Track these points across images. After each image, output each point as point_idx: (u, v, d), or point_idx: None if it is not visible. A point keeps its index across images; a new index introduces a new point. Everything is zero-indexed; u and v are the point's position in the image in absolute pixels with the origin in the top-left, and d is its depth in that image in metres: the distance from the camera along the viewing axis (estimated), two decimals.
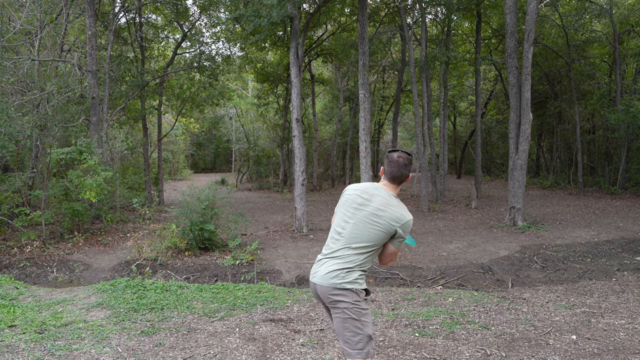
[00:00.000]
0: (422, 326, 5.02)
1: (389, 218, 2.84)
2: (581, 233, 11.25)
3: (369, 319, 2.87)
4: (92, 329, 4.95)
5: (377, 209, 2.87)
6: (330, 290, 2.83)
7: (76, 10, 15.81)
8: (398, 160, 2.96)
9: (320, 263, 2.95)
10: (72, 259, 9.81)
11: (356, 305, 2.81)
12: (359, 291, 2.83)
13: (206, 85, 19.99)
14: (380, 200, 2.90)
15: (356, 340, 2.81)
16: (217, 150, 42.60)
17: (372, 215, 2.86)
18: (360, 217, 2.89)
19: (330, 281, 2.83)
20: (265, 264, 9.28)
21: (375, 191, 2.96)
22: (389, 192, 2.96)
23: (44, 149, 12.62)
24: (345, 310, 2.80)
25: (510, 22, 12.65)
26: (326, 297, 2.86)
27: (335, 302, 2.83)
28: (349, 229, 2.90)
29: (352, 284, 2.81)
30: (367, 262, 2.89)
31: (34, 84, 12.13)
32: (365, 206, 2.91)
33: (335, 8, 18.39)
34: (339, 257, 2.88)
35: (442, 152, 19.43)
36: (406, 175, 3.00)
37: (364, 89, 11.29)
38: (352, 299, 2.81)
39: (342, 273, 2.83)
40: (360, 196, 2.96)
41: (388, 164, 3.00)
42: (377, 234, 2.84)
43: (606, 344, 4.45)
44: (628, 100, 17.37)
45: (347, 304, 2.80)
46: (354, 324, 2.80)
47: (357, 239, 2.86)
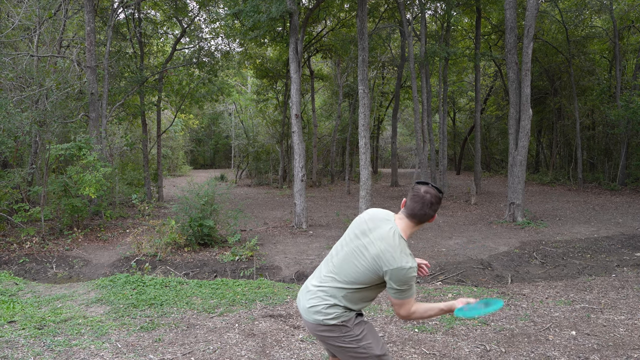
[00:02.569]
0: (421, 322, 5.03)
1: (375, 255, 2.40)
2: (581, 229, 11.25)
3: (370, 339, 2.55)
4: (92, 325, 4.95)
5: (370, 242, 2.45)
6: (315, 327, 2.52)
7: (75, 5, 15.77)
8: (425, 197, 2.45)
9: (305, 290, 2.63)
10: (71, 255, 9.81)
11: (347, 335, 2.49)
12: (345, 323, 2.48)
13: (205, 81, 19.95)
14: (379, 233, 2.46)
15: None
16: (217, 146, 42.57)
17: (363, 248, 2.46)
18: (352, 248, 2.51)
19: (313, 317, 2.50)
20: (265, 259, 9.28)
21: (382, 223, 2.51)
22: (398, 228, 2.47)
23: (43, 145, 12.60)
24: (340, 344, 2.51)
25: (510, 17, 12.61)
26: (314, 333, 2.57)
27: (324, 337, 2.53)
28: (339, 258, 2.55)
29: (336, 319, 2.46)
30: (355, 301, 2.50)
31: (33, 79, 12.10)
32: (363, 236, 2.51)
33: (335, 3, 18.33)
34: (322, 288, 2.53)
35: (442, 148, 19.42)
36: (430, 215, 2.49)
37: (364, 85, 11.26)
38: (341, 332, 2.48)
39: (323, 308, 2.48)
40: (366, 222, 2.55)
41: (411, 198, 2.49)
42: (362, 271, 2.43)
43: (606, 339, 4.45)
44: (628, 96, 17.34)
45: (338, 338, 2.49)
46: (356, 352, 2.52)
47: (343, 272, 2.49)
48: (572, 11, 20.34)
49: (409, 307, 2.45)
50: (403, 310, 2.46)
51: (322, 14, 19.13)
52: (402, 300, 2.42)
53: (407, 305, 2.45)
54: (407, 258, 2.37)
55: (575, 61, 21.33)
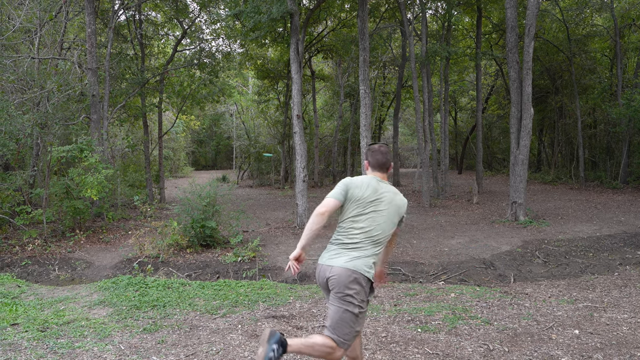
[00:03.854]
0: (424, 322, 5.02)
1: (402, 204, 3.15)
2: (583, 228, 11.23)
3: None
4: (95, 327, 4.96)
5: (391, 199, 3.11)
6: None
7: (75, 7, 15.80)
8: (381, 149, 3.16)
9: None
10: (73, 257, 9.82)
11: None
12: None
13: (206, 82, 19.95)
14: (389, 190, 3.13)
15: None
16: (218, 147, 42.54)
17: (391, 207, 3.10)
18: (383, 211, 3.09)
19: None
20: (267, 260, 9.28)
21: (375, 184, 3.12)
22: (386, 183, 3.18)
23: (44, 147, 12.62)
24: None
25: (510, 16, 12.60)
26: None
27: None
28: (380, 225, 3.09)
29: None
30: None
31: (34, 82, 12.12)
32: (380, 201, 3.08)
33: (335, 4, 18.32)
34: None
35: (443, 148, 19.40)
36: (390, 161, 3.20)
37: (365, 85, 11.26)
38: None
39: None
40: (363, 189, 3.11)
41: (372, 154, 3.18)
42: (395, 222, 3.15)
43: (609, 338, 4.44)
44: (629, 94, 17.30)
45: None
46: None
47: (385, 234, 3.10)
48: (572, 10, 20.31)
49: None
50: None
51: (322, 14, 19.12)
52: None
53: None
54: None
55: (577, 60, 21.29)
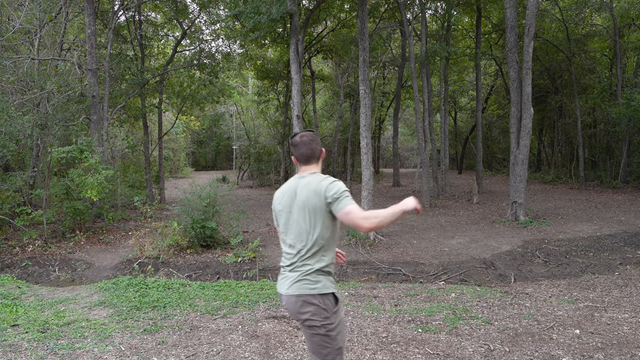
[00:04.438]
0: (425, 322, 5.02)
1: (320, 190, 2.68)
2: (583, 227, 11.22)
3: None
4: (95, 328, 4.95)
5: (310, 194, 2.70)
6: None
7: (75, 8, 15.80)
8: (302, 140, 2.83)
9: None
10: (74, 258, 9.82)
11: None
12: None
13: (206, 83, 19.95)
14: (305, 189, 2.73)
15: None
16: (218, 147, 42.54)
17: (312, 199, 2.69)
18: (305, 214, 2.71)
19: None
20: (268, 261, 9.28)
21: (294, 185, 2.81)
22: (308, 174, 2.81)
23: (44, 148, 12.61)
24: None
25: (510, 16, 12.60)
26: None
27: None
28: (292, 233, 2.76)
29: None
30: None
31: (34, 83, 12.12)
32: (296, 204, 2.75)
33: (335, 4, 18.31)
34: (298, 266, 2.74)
35: (443, 148, 19.40)
36: (318, 150, 2.87)
37: (365, 85, 11.24)
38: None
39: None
40: (281, 200, 2.83)
41: (295, 148, 2.84)
42: (317, 221, 2.68)
43: (610, 338, 4.44)
44: (629, 93, 17.29)
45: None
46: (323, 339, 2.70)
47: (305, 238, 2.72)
48: (572, 9, 20.31)
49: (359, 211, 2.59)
50: (349, 218, 2.57)
51: (322, 14, 19.12)
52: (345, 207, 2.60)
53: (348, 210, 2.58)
54: (329, 178, 2.72)
55: (576, 59, 21.28)
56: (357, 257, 9.30)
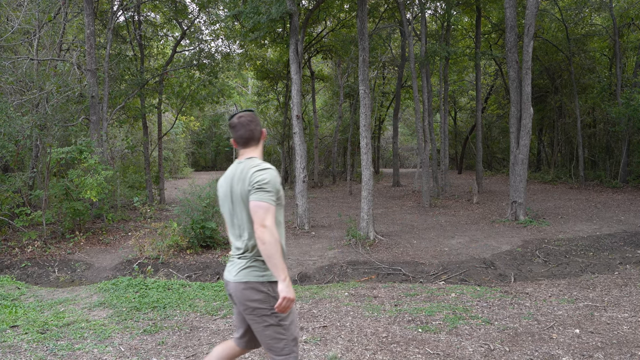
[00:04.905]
0: (425, 322, 5.01)
1: (247, 176, 2.59)
2: (583, 227, 11.22)
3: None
4: (95, 329, 4.95)
5: (237, 187, 2.63)
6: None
7: (74, 9, 15.79)
8: (240, 121, 2.70)
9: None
10: (73, 259, 9.81)
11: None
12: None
13: (206, 83, 19.94)
14: (237, 178, 2.66)
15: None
16: (218, 148, 42.55)
17: (242, 184, 2.62)
18: (242, 200, 2.63)
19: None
20: None
21: (232, 173, 2.73)
22: (245, 159, 2.72)
23: (44, 149, 12.61)
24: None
25: (510, 16, 12.60)
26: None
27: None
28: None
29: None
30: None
31: (33, 83, 12.11)
32: (234, 191, 2.67)
33: (335, 4, 18.31)
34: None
35: (443, 148, 19.40)
36: (258, 131, 2.75)
37: (364, 85, 11.24)
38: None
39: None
40: (222, 187, 2.78)
41: (233, 130, 2.73)
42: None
43: (609, 337, 4.44)
44: (629, 93, 17.29)
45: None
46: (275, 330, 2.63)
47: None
48: (571, 9, 20.31)
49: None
50: (258, 216, 2.48)
51: (322, 14, 19.11)
52: (258, 200, 2.51)
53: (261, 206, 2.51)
54: (265, 164, 2.62)
55: (576, 59, 21.29)
56: (357, 257, 9.29)
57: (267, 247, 2.46)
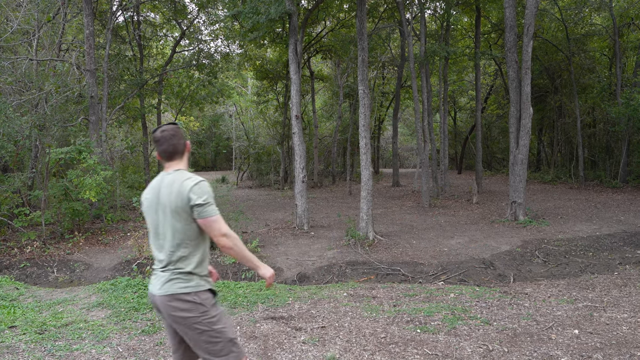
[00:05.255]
0: (423, 322, 5.00)
1: (183, 191, 2.57)
2: (583, 227, 11.22)
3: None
4: (93, 329, 4.94)
5: (172, 195, 2.60)
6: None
7: (74, 9, 15.79)
8: (163, 136, 2.69)
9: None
10: (72, 259, 9.80)
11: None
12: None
13: (205, 83, 19.95)
14: (164, 189, 2.64)
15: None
16: (218, 148, 42.45)
17: (174, 200, 2.59)
18: (166, 214, 2.62)
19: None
20: (266, 261, 9.26)
21: (158, 184, 2.70)
22: (172, 171, 2.70)
23: (43, 149, 12.60)
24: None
25: (509, 16, 12.59)
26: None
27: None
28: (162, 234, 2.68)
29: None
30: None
31: (32, 83, 12.10)
32: (159, 203, 2.65)
33: (334, 4, 18.31)
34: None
35: (443, 148, 19.40)
36: (182, 144, 2.73)
37: (364, 85, 11.24)
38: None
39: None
40: (147, 199, 2.73)
41: (156, 144, 2.71)
42: (181, 222, 2.59)
43: (609, 338, 4.43)
44: (628, 93, 17.29)
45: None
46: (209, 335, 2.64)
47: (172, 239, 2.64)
48: (571, 9, 20.30)
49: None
50: (213, 229, 2.59)
51: (321, 14, 19.11)
52: (205, 217, 2.59)
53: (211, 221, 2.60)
54: (195, 177, 2.63)
55: (576, 59, 21.28)
56: (356, 258, 9.28)
57: (234, 249, 2.61)
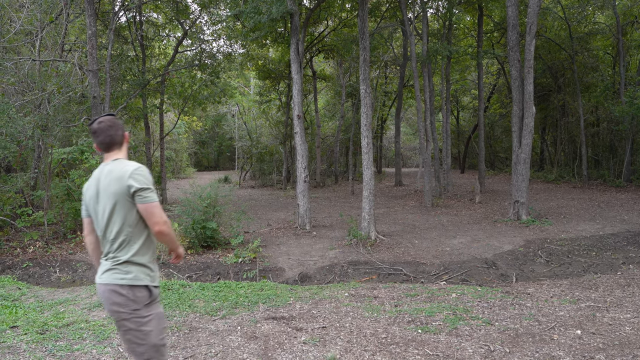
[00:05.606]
0: (425, 322, 4.99)
1: (122, 177, 2.59)
2: (586, 226, 11.17)
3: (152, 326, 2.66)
4: (94, 329, 4.94)
5: (111, 182, 2.61)
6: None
7: (76, 9, 15.78)
8: (100, 127, 2.70)
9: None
10: (75, 259, 9.81)
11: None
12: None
13: (208, 83, 19.95)
14: (104, 178, 2.65)
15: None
16: (220, 148, 42.56)
17: (114, 187, 2.61)
18: (107, 203, 2.63)
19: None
20: (268, 261, 9.26)
21: (98, 174, 2.70)
22: (111, 161, 2.71)
23: (45, 149, 12.61)
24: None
25: (511, 15, 12.55)
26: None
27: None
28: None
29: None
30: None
31: (35, 84, 12.12)
32: (100, 193, 2.65)
33: (336, 3, 18.29)
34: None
35: (445, 147, 19.36)
36: (119, 135, 2.75)
37: (365, 85, 11.21)
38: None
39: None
40: (89, 190, 2.74)
41: (94, 136, 2.73)
42: (121, 209, 2.61)
43: (611, 338, 4.40)
44: (632, 92, 17.21)
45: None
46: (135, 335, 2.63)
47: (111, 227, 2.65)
48: (574, 7, 20.22)
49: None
50: (153, 216, 2.60)
51: (323, 14, 19.09)
52: (145, 203, 2.60)
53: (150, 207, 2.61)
54: (134, 164, 2.66)
55: (579, 58, 21.20)
56: (358, 257, 9.27)
57: (171, 236, 2.69)
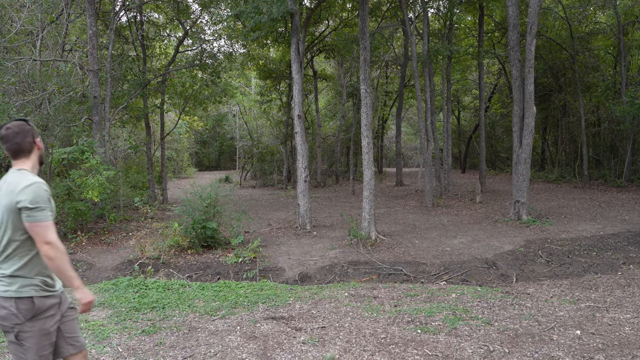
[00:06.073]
0: (424, 322, 4.98)
1: (13, 190, 2.51)
2: (586, 226, 11.15)
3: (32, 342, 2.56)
4: (93, 329, 4.94)
5: (2, 197, 2.55)
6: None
7: (77, 9, 15.80)
8: (7, 134, 2.60)
9: None
10: (75, 259, 9.82)
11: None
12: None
13: (208, 83, 19.95)
14: (4, 187, 2.57)
15: None
16: (221, 147, 42.54)
17: (6, 201, 2.53)
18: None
19: None
20: (268, 261, 9.25)
21: (2, 182, 2.62)
22: (14, 170, 2.62)
23: (46, 149, 12.62)
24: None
25: (512, 14, 12.53)
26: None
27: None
28: None
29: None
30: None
31: (36, 84, 12.13)
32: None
33: (337, 3, 18.28)
34: None
35: (446, 147, 19.34)
36: (27, 142, 2.65)
37: (366, 85, 11.21)
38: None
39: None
40: None
41: (0, 143, 2.65)
42: (11, 222, 2.53)
43: (611, 338, 4.39)
44: (633, 92, 17.18)
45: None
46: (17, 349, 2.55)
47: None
48: (575, 7, 20.20)
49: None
50: (39, 235, 2.50)
51: (323, 14, 19.09)
52: (31, 222, 2.50)
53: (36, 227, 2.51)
54: (32, 178, 2.55)
55: (580, 57, 21.17)
56: (358, 257, 9.26)
57: (55, 262, 2.51)
